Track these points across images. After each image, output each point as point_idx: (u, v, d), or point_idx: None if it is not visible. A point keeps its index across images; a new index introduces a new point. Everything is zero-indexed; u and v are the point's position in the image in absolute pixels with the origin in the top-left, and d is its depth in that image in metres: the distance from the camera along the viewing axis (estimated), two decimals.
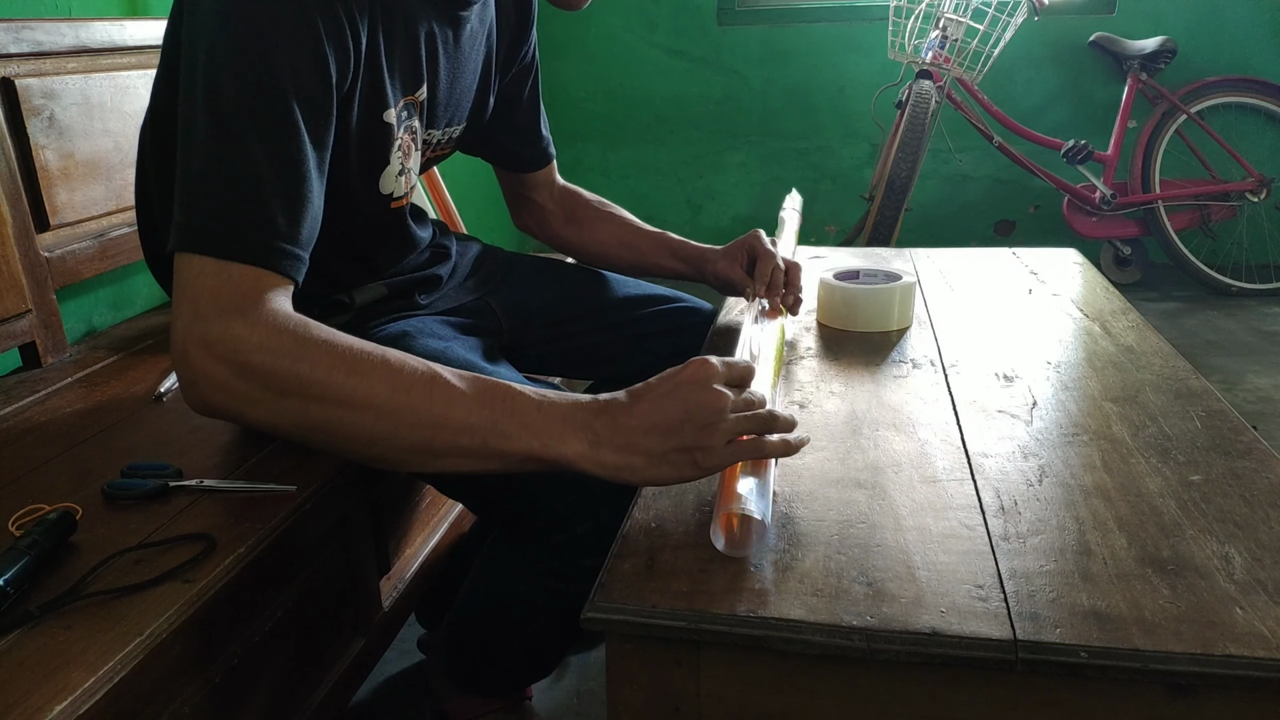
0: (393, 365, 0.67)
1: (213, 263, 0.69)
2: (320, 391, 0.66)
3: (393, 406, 0.66)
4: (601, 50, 3.27)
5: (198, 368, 0.67)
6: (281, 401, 0.67)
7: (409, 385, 0.67)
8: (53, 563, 0.72)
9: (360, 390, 0.66)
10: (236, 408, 0.68)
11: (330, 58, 0.74)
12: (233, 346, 0.66)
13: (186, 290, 0.69)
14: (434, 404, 0.66)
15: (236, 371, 0.66)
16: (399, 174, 0.90)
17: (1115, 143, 2.92)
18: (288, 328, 0.68)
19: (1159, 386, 0.88)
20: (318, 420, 0.67)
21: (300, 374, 0.66)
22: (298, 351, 0.67)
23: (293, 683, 0.89)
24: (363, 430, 0.67)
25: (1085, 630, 0.53)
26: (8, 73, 1.14)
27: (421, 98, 0.91)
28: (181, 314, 0.69)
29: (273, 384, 0.66)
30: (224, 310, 0.68)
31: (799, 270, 1.06)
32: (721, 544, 0.61)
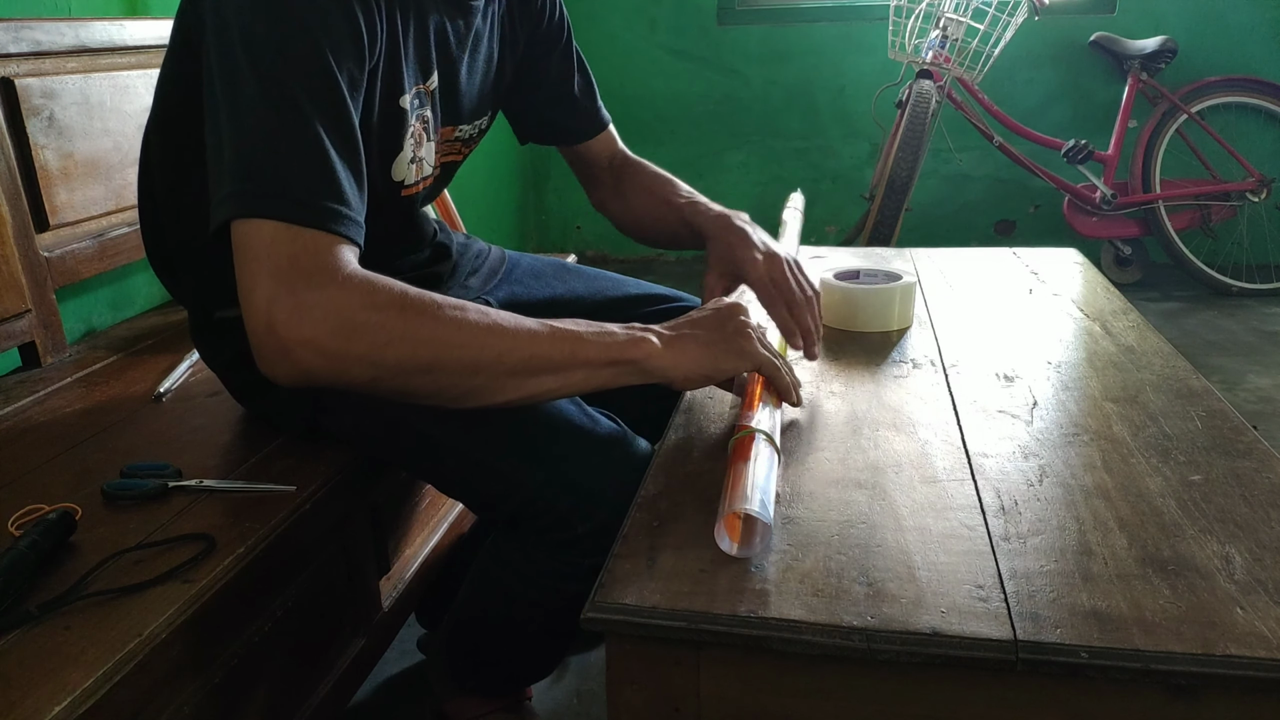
0: (477, 307, 0.74)
1: (284, 228, 0.69)
2: (428, 334, 0.71)
3: (493, 334, 0.73)
4: (602, 50, 3.27)
5: (293, 335, 0.67)
6: (388, 351, 0.70)
7: (501, 318, 0.74)
8: (52, 563, 0.72)
9: (463, 326, 0.72)
10: (339, 368, 0.70)
11: (363, 29, 0.75)
12: (332, 309, 0.68)
13: (261, 258, 0.69)
14: (522, 329, 0.74)
15: (339, 332, 0.68)
16: (410, 161, 0.91)
17: (1115, 142, 2.92)
18: (378, 283, 0.71)
19: (1159, 386, 0.88)
20: (425, 361, 0.71)
21: (406, 322, 0.70)
22: (396, 303, 0.70)
23: (293, 683, 0.89)
24: (466, 362, 0.72)
25: (1086, 630, 0.53)
26: (8, 72, 1.14)
27: (433, 87, 0.91)
28: (261, 283, 0.68)
29: (380, 336, 0.69)
30: (310, 274, 0.68)
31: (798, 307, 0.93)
32: (726, 545, 0.61)
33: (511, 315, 0.75)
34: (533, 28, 1.07)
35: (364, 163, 0.76)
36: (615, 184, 1.17)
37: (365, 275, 0.71)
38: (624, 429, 0.89)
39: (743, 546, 0.61)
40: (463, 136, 1.00)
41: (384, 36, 0.80)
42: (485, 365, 0.73)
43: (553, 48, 1.10)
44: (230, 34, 0.72)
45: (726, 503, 0.62)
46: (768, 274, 0.93)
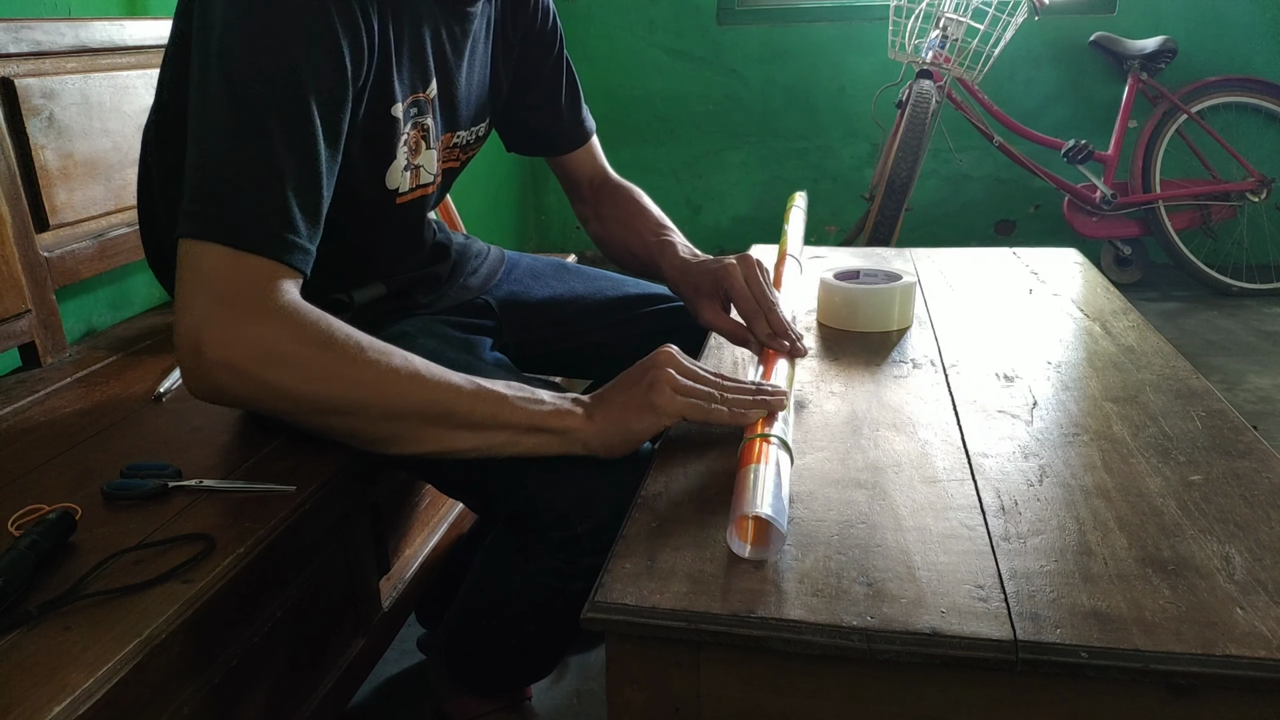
0: (408, 355, 0.74)
1: (228, 252, 0.70)
2: (346, 375, 0.71)
3: (414, 383, 0.73)
4: (601, 50, 3.27)
5: (216, 357, 0.69)
6: (305, 388, 0.71)
7: (426, 369, 0.74)
8: (52, 563, 0.72)
9: (382, 376, 0.72)
10: (256, 396, 0.72)
11: (345, 50, 0.75)
12: (258, 338, 0.69)
13: (202, 279, 0.70)
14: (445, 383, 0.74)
15: (261, 362, 0.69)
16: (404, 169, 0.90)
17: (1116, 142, 2.92)
18: (309, 318, 0.71)
19: (1159, 386, 0.88)
20: (341, 402, 0.72)
21: (328, 361, 0.71)
22: (322, 340, 0.71)
23: (292, 683, 0.89)
24: (383, 407, 0.73)
25: (1085, 630, 0.53)
26: (8, 73, 1.14)
27: (432, 95, 0.91)
28: (196, 304, 0.70)
29: (300, 372, 0.70)
30: (246, 302, 0.70)
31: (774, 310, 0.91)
32: (738, 547, 0.61)
33: (439, 368, 0.75)
34: (526, 34, 1.07)
35: (325, 188, 0.76)
36: (595, 205, 1.19)
37: (299, 308, 0.72)
38: None
39: (756, 549, 0.61)
40: (460, 143, 1.00)
41: (375, 52, 0.80)
42: (402, 413, 0.74)
43: (545, 56, 1.10)
44: (210, 48, 0.73)
45: (740, 505, 0.62)
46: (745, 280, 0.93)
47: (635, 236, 1.12)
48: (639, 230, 1.12)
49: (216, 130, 0.72)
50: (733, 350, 1.01)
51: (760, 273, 0.94)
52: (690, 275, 1.01)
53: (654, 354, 0.79)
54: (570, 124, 1.15)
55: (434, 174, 0.96)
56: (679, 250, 1.06)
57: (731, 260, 0.95)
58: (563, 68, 1.13)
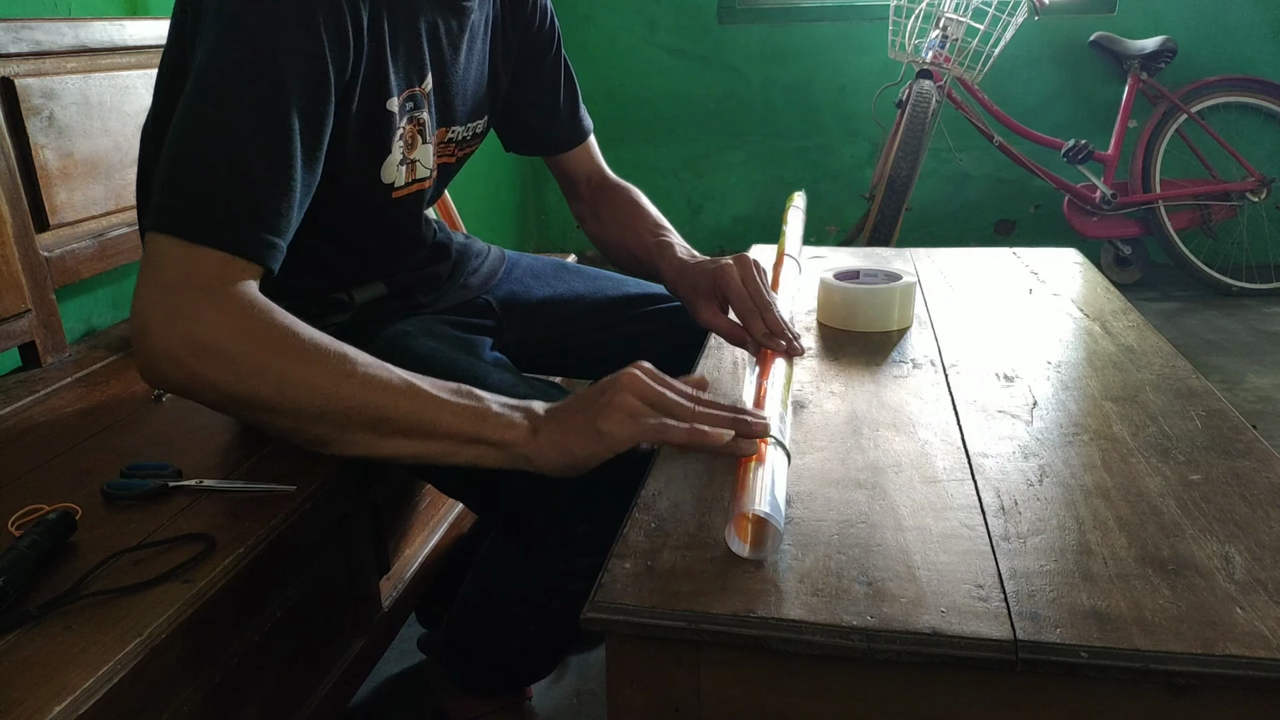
0: (348, 354, 0.73)
1: (182, 244, 0.71)
2: (277, 373, 0.70)
3: (348, 384, 0.71)
4: (601, 50, 3.27)
5: (158, 346, 0.70)
6: (236, 384, 0.70)
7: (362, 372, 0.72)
8: (52, 563, 0.72)
9: (314, 375, 0.71)
10: (192, 387, 0.72)
11: (326, 42, 0.75)
12: (195, 328, 0.69)
13: (154, 269, 0.71)
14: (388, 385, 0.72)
15: (197, 354, 0.69)
16: (400, 163, 0.90)
17: (1115, 142, 2.92)
18: (250, 313, 0.71)
19: (1159, 386, 0.88)
20: (269, 400, 0.71)
21: (260, 357, 0.70)
22: (258, 336, 0.70)
23: (292, 683, 0.89)
24: (311, 409, 0.71)
25: (1085, 630, 0.53)
26: (8, 72, 1.14)
27: (428, 89, 0.91)
28: (145, 292, 0.71)
29: (234, 367, 0.70)
30: (189, 292, 0.70)
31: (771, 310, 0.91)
32: (737, 546, 0.61)
33: (380, 368, 0.73)
34: (525, 32, 1.07)
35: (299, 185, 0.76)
36: (593, 205, 1.19)
37: (246, 303, 0.71)
38: None
39: (754, 548, 0.61)
40: (456, 139, 1.00)
41: (366, 47, 0.80)
42: (332, 416, 0.72)
43: (544, 55, 1.10)
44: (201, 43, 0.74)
45: (738, 504, 0.62)
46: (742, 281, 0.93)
47: (633, 237, 1.13)
48: (637, 230, 1.12)
49: (186, 123, 0.73)
50: (731, 350, 1.01)
51: (757, 273, 0.94)
52: (688, 276, 1.01)
53: (618, 374, 0.74)
54: (568, 123, 1.16)
55: (430, 169, 0.96)
56: (677, 251, 1.06)
57: (729, 261, 0.95)
58: (561, 67, 1.13)
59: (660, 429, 0.70)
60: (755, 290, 0.92)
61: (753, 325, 0.91)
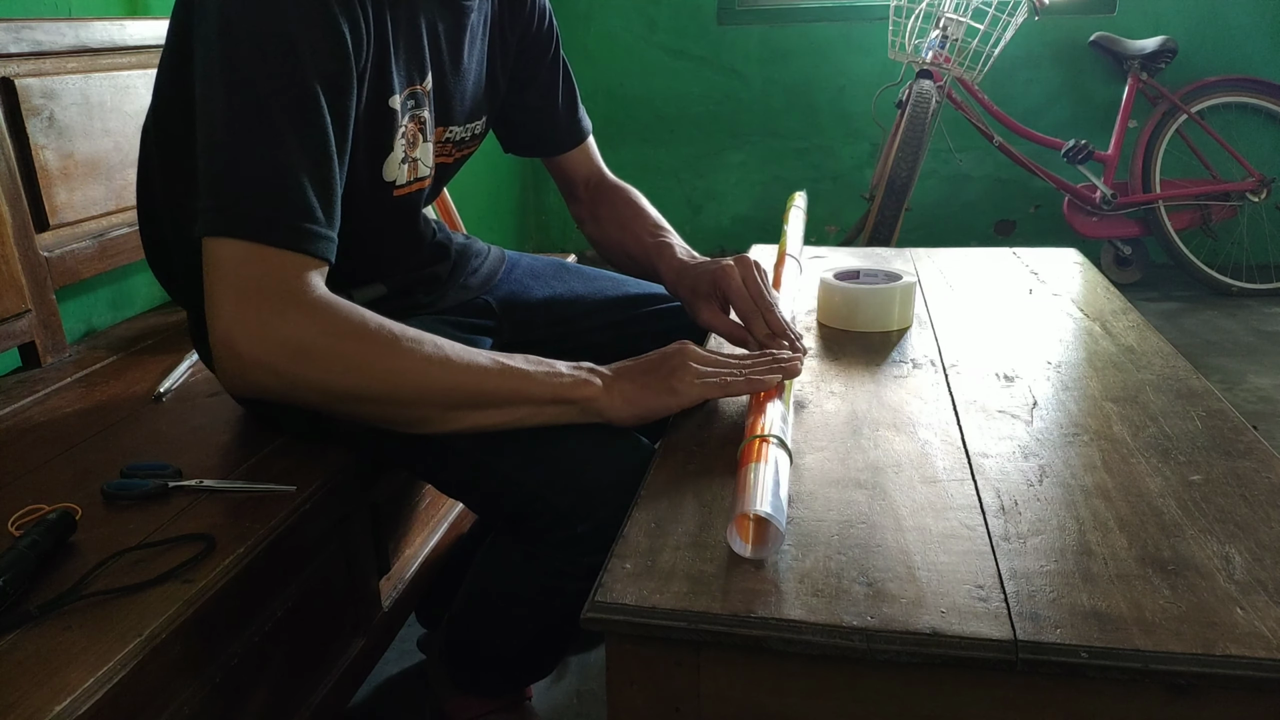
0: (433, 339, 0.77)
1: (252, 248, 0.71)
2: (377, 365, 0.73)
3: (444, 369, 0.76)
4: (601, 50, 3.27)
5: (251, 357, 0.71)
6: (340, 379, 0.73)
7: (453, 352, 0.77)
8: (52, 563, 0.72)
9: (410, 362, 0.74)
10: (292, 391, 0.74)
11: (346, 33, 0.76)
12: (290, 333, 0.71)
13: (228, 277, 0.71)
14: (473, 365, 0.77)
15: (295, 357, 0.71)
16: (402, 161, 0.91)
17: (1115, 142, 2.92)
18: (339, 311, 0.73)
19: (1159, 386, 0.88)
20: (376, 391, 0.75)
21: (361, 352, 0.73)
22: (350, 331, 0.73)
23: (292, 683, 0.89)
24: (413, 394, 0.75)
25: (1085, 630, 0.53)
26: (8, 73, 1.14)
27: (429, 88, 0.91)
28: (226, 302, 0.71)
29: (334, 365, 0.73)
30: (273, 297, 0.71)
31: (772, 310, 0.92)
32: (739, 546, 0.61)
33: (464, 350, 0.78)
34: (523, 33, 1.07)
35: (339, 174, 0.77)
36: (592, 206, 1.19)
37: (328, 301, 0.73)
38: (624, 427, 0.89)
39: (756, 548, 0.61)
40: (454, 138, 1.00)
41: (371, 38, 0.80)
42: (433, 399, 0.77)
43: (542, 56, 1.11)
44: (211, 41, 0.73)
45: (739, 504, 0.62)
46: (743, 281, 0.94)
47: (632, 238, 1.13)
48: (636, 232, 1.13)
49: (222, 123, 0.72)
50: (732, 350, 1.01)
51: (758, 274, 0.94)
52: (688, 277, 1.01)
53: (675, 346, 0.84)
54: (567, 124, 1.16)
55: (430, 168, 0.96)
56: (676, 252, 1.06)
57: (729, 262, 0.96)
58: (559, 68, 1.13)
59: (723, 384, 0.81)
60: (756, 291, 0.93)
61: (754, 325, 0.91)
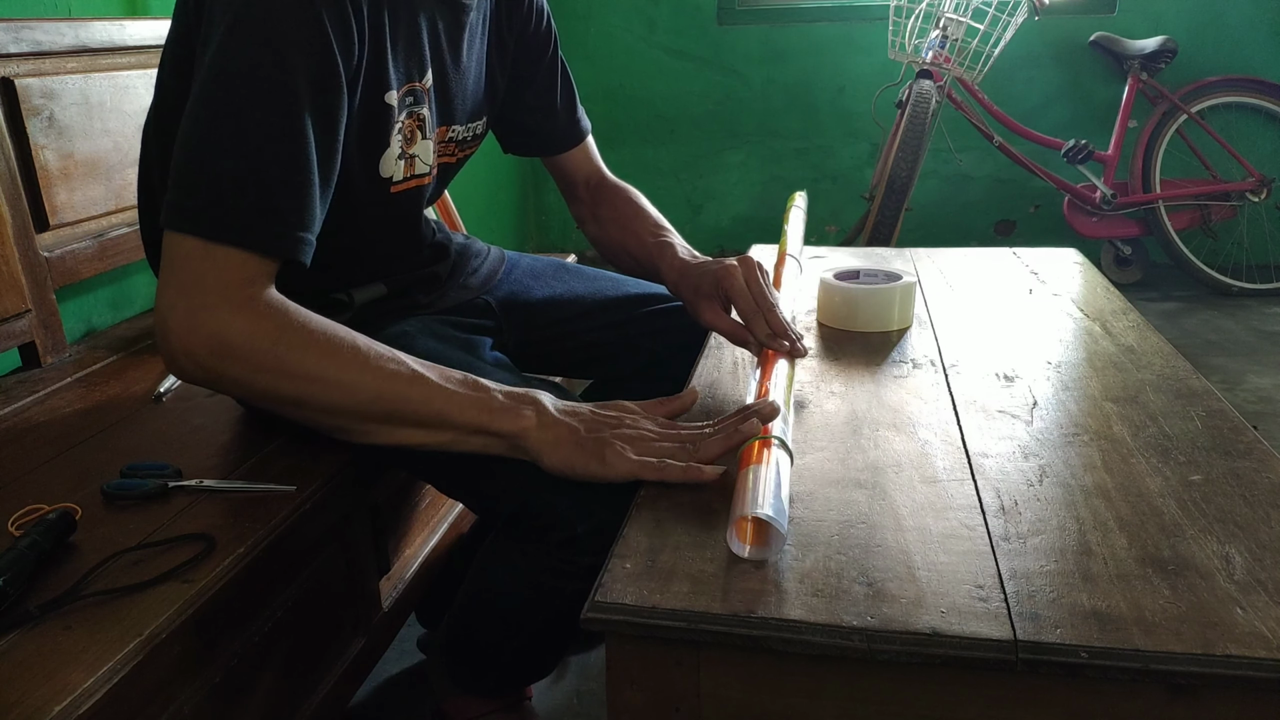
0: (361, 348, 0.76)
1: (200, 244, 0.73)
2: (294, 370, 0.74)
3: (364, 377, 0.75)
4: (601, 50, 3.27)
5: (179, 346, 0.73)
6: (256, 379, 0.74)
7: (375, 365, 0.76)
8: (52, 563, 0.72)
9: (330, 370, 0.74)
10: (214, 383, 0.76)
11: (333, 35, 0.76)
12: (216, 329, 0.73)
13: (174, 269, 0.74)
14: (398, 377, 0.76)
15: (216, 352, 0.73)
16: (399, 157, 0.91)
17: (1116, 142, 2.92)
18: (267, 312, 0.75)
19: (1159, 386, 0.88)
20: (290, 395, 0.75)
21: (278, 354, 0.73)
22: (275, 335, 0.74)
23: (292, 683, 0.89)
24: (327, 403, 0.76)
25: (1085, 630, 0.53)
26: (8, 73, 1.14)
27: (428, 85, 0.91)
28: (166, 291, 0.74)
29: (252, 363, 0.74)
30: (207, 292, 0.73)
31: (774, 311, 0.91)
32: (738, 548, 0.61)
33: (392, 360, 0.76)
34: (521, 35, 1.07)
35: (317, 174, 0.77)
36: (592, 207, 1.19)
37: (263, 301, 0.75)
38: None
39: (756, 549, 0.61)
40: (456, 138, 1.00)
41: (366, 35, 0.81)
42: (348, 410, 0.76)
43: (540, 57, 1.11)
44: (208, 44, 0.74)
45: (740, 506, 0.62)
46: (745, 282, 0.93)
47: (633, 238, 1.12)
48: (637, 232, 1.12)
49: (196, 118, 0.74)
50: (732, 350, 1.01)
51: (760, 274, 0.94)
52: (690, 277, 1.01)
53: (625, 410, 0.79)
54: (566, 124, 1.16)
55: (430, 165, 0.96)
56: (678, 252, 1.06)
57: (731, 262, 0.95)
58: (558, 68, 1.13)
59: (659, 468, 0.72)
60: (759, 291, 0.92)
61: (756, 326, 0.91)
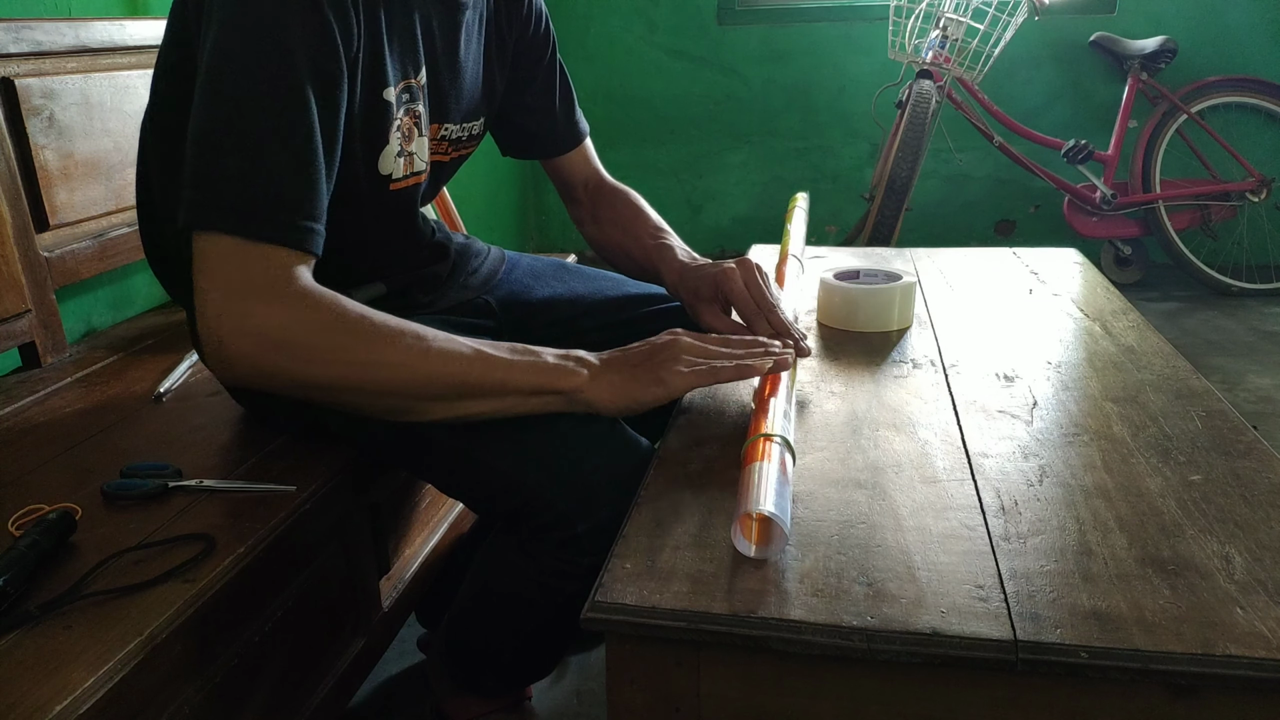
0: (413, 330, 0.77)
1: (236, 242, 0.73)
2: (352, 357, 0.74)
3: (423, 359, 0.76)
4: (601, 51, 3.27)
5: (234, 349, 0.73)
6: (317, 370, 0.74)
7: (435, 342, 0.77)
8: (52, 563, 0.72)
9: (391, 354, 0.75)
10: (272, 382, 0.75)
11: (335, 25, 0.76)
12: (270, 326, 0.72)
13: (214, 271, 0.73)
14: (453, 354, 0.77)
15: (274, 349, 0.73)
16: (398, 154, 0.91)
17: (1116, 142, 2.92)
18: (320, 303, 0.74)
19: (1159, 386, 0.88)
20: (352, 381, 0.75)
21: (337, 344, 0.74)
22: (331, 324, 0.74)
23: (293, 683, 0.89)
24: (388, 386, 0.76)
25: (1085, 630, 0.53)
26: (8, 73, 1.14)
27: (423, 82, 0.91)
28: (210, 295, 0.73)
29: (312, 356, 0.74)
30: (255, 291, 0.72)
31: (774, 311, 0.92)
32: (743, 546, 0.61)
33: (447, 339, 0.78)
34: (520, 37, 1.07)
35: (325, 167, 0.77)
36: (591, 208, 1.20)
37: (310, 293, 0.74)
38: (623, 427, 0.89)
39: (760, 547, 0.61)
40: (450, 137, 1.00)
41: (362, 29, 0.81)
42: (410, 389, 0.77)
43: (539, 59, 1.11)
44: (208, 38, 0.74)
45: (744, 504, 0.62)
46: (745, 284, 0.94)
47: (632, 240, 1.13)
48: (636, 234, 1.13)
49: (208, 115, 0.73)
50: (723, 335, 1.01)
51: (759, 275, 0.94)
52: (689, 279, 1.01)
53: (666, 335, 0.84)
54: (564, 126, 1.16)
55: (426, 163, 0.96)
56: (677, 254, 1.06)
57: (730, 264, 0.96)
58: (556, 70, 1.14)
59: (712, 372, 0.80)
60: (758, 292, 0.93)
61: (757, 327, 0.92)
